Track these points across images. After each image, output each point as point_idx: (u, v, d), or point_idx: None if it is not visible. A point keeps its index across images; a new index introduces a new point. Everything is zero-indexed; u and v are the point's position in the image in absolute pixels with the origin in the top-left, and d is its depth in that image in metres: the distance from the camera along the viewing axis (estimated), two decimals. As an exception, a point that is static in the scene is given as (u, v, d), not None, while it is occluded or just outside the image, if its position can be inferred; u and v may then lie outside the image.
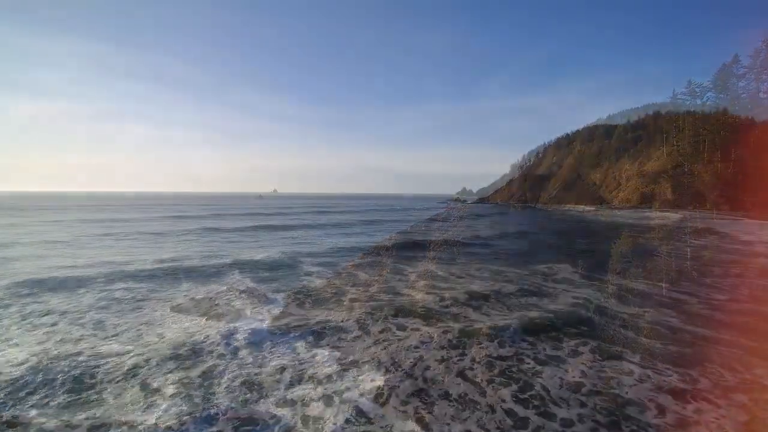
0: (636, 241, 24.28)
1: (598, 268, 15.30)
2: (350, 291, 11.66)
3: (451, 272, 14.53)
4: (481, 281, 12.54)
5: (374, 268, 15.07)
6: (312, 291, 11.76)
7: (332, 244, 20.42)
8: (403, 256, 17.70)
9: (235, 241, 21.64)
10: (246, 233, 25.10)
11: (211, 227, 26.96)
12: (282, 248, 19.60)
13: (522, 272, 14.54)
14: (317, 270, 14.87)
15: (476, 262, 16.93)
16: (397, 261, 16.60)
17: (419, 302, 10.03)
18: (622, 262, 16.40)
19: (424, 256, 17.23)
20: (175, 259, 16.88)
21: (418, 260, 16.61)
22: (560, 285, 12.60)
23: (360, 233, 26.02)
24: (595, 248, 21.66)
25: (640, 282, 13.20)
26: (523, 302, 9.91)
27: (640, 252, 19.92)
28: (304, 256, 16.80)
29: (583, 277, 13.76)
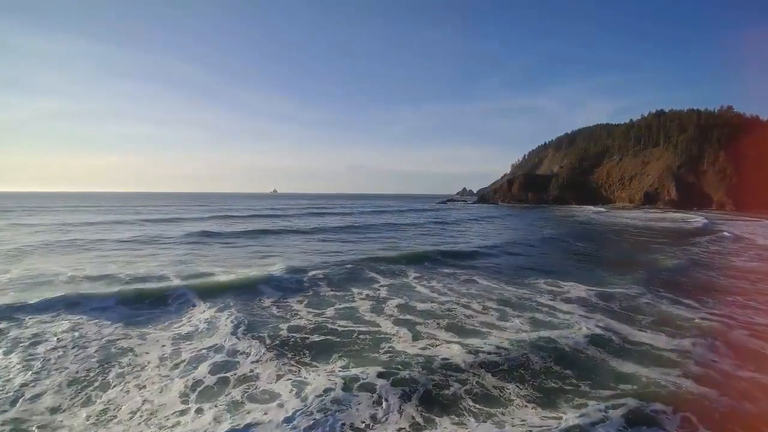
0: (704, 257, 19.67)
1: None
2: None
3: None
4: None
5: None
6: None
7: (310, 253, 18.00)
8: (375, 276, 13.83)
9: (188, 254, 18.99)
10: (209, 242, 22.05)
11: (173, 236, 24.03)
12: (241, 262, 16.31)
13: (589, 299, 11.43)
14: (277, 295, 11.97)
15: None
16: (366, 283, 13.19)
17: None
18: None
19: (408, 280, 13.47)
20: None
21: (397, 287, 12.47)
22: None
23: (345, 240, 23.66)
24: (680, 274, 15.64)
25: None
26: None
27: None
28: (262, 283, 12.17)
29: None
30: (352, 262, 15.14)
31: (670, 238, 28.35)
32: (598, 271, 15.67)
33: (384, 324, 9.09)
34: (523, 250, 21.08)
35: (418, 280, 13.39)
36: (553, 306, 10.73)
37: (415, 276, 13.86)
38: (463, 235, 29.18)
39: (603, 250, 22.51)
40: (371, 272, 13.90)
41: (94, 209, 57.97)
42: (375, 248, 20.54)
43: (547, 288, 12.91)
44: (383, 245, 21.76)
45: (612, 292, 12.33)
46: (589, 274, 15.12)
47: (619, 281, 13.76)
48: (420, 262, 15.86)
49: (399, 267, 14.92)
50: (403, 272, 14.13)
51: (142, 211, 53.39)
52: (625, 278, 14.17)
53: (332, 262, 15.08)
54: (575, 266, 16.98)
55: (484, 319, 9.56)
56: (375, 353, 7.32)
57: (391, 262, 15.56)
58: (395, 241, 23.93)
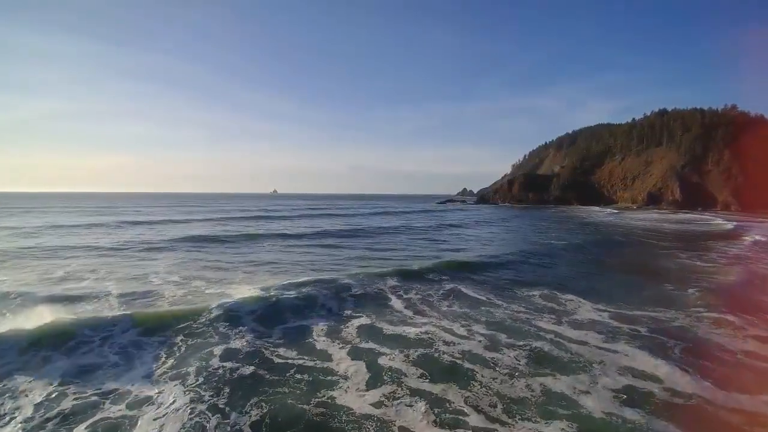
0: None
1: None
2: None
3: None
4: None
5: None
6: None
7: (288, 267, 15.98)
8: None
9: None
10: (186, 247, 19.99)
11: (147, 241, 21.79)
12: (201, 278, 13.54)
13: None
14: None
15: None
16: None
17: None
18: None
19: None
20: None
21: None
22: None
23: (335, 246, 21.85)
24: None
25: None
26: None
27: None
28: (215, 309, 10.47)
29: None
30: (327, 281, 13.14)
31: (707, 245, 25.07)
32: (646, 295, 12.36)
33: (337, 356, 7.36)
34: (531, 265, 17.68)
35: (396, 294, 11.60)
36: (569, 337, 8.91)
37: (392, 286, 12.08)
38: (461, 239, 27.35)
39: (639, 264, 19.35)
40: (346, 289, 12.07)
41: (79, 211, 56.27)
42: (360, 256, 18.79)
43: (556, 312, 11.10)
44: (371, 253, 19.98)
45: (660, 317, 10.26)
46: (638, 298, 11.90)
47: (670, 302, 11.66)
48: (407, 278, 13.52)
49: (379, 282, 12.92)
50: (381, 292, 12.08)
51: (127, 213, 51.70)
52: (680, 299, 11.92)
53: (307, 282, 12.24)
54: (621, 289, 13.25)
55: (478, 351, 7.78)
56: (304, 404, 5.58)
57: (374, 277, 13.51)
58: (387, 248, 22.05)
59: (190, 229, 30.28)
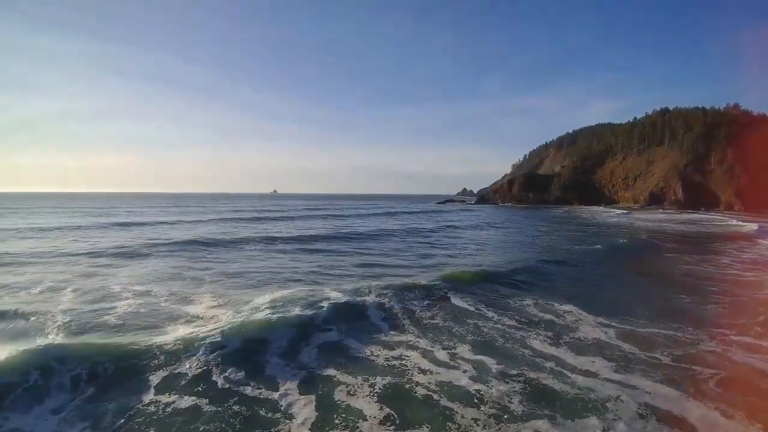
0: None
1: None
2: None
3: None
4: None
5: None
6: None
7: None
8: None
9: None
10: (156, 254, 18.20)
11: (124, 246, 20.20)
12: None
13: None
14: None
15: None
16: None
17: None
18: None
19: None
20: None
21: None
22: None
23: (321, 251, 20.50)
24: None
25: None
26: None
27: None
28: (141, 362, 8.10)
29: None
30: (298, 298, 11.81)
31: (722, 249, 23.24)
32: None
33: (285, 385, 6.09)
34: (529, 273, 15.15)
35: (375, 308, 10.26)
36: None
37: (373, 301, 10.71)
38: (456, 243, 25.96)
39: (647, 270, 17.52)
40: (317, 303, 10.77)
41: (69, 211, 55.03)
42: (346, 263, 17.47)
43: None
44: (359, 259, 18.63)
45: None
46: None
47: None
48: (390, 290, 11.56)
49: (357, 295, 11.50)
50: (358, 305, 10.53)
51: (118, 214, 50.47)
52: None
53: (277, 300, 10.45)
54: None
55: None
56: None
57: (353, 289, 12.04)
58: (377, 253, 20.59)
59: (175, 231, 28.97)
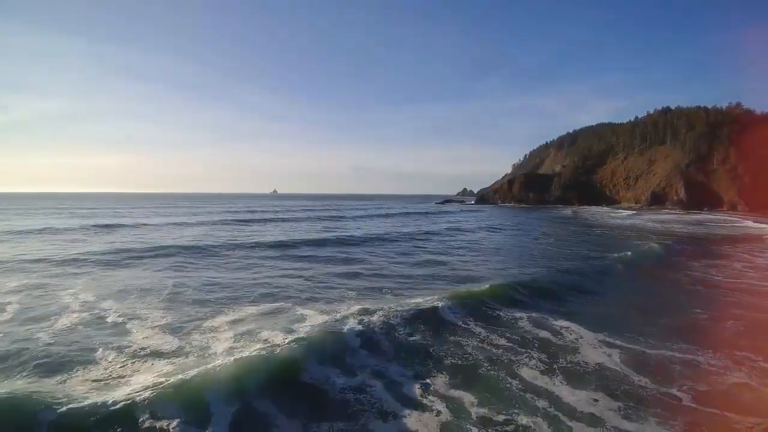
0: None
1: None
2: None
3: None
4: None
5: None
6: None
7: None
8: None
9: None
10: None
11: (95, 252, 18.61)
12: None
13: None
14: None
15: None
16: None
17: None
18: None
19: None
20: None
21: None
22: None
23: (303, 257, 18.49)
24: None
25: None
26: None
27: None
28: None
29: None
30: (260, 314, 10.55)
31: (737, 254, 21.57)
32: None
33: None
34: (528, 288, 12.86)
35: (352, 331, 8.95)
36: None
37: (348, 326, 9.40)
38: (453, 251, 24.49)
39: (655, 278, 16.00)
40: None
41: (57, 212, 53.78)
42: (323, 275, 16.18)
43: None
44: (337, 268, 17.29)
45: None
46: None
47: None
48: (364, 314, 9.47)
49: (327, 314, 10.24)
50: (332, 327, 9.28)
51: (107, 215, 49.23)
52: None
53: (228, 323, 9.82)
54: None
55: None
56: None
57: (322, 310, 10.81)
58: (361, 261, 19.07)
59: (155, 234, 27.75)
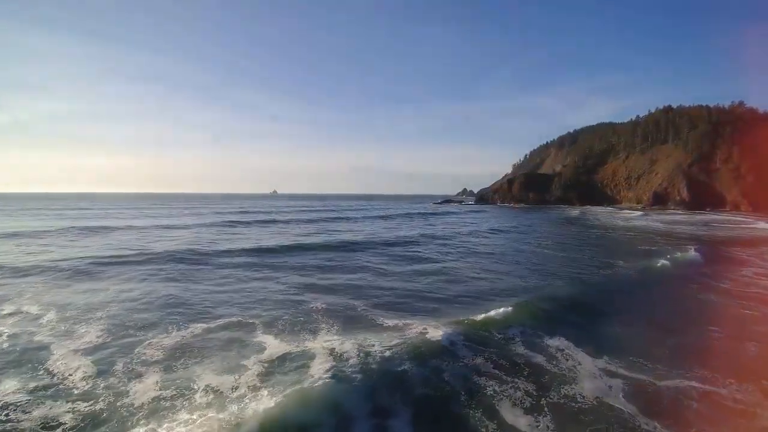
0: None
1: None
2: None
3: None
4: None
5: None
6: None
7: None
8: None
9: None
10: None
11: (59, 259, 17.28)
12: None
13: None
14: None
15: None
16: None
17: None
18: None
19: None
20: None
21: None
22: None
23: (271, 267, 16.57)
24: None
25: None
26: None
27: None
28: None
29: None
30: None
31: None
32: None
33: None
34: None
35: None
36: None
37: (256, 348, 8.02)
38: (447, 258, 22.92)
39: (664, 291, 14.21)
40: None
41: (46, 213, 52.57)
42: (300, 296, 14.80)
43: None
44: (320, 289, 15.86)
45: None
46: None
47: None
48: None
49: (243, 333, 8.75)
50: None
51: (96, 216, 48.06)
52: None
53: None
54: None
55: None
56: None
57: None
58: (345, 275, 17.16)
59: (130, 236, 26.54)
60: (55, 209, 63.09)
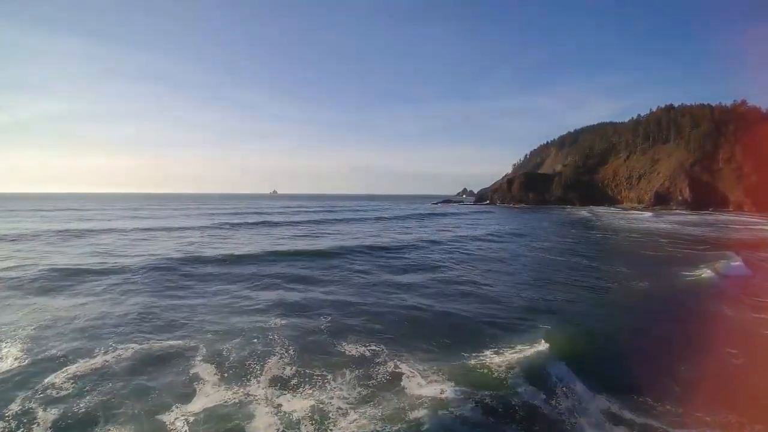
0: None
1: None
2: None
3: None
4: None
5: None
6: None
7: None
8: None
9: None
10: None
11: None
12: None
13: None
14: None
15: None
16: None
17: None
18: None
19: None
20: None
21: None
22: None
23: (242, 280, 14.94)
24: None
25: None
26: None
27: None
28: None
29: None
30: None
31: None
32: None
33: None
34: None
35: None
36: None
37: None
38: (437, 268, 21.24)
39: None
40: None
41: (32, 215, 51.19)
42: (250, 317, 13.35)
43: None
44: (276, 312, 14.29)
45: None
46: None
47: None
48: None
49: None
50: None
51: (82, 217, 46.73)
52: None
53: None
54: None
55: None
56: None
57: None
58: (314, 293, 14.48)
59: (113, 243, 25.49)
60: (42, 210, 61.76)
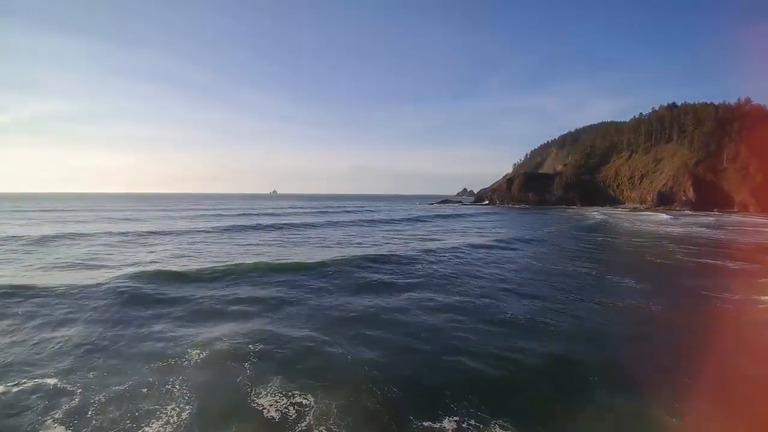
0: None
1: None
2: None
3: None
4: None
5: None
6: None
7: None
8: None
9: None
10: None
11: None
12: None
13: None
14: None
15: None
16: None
17: None
18: None
19: None
20: None
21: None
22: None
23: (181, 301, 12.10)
24: None
25: None
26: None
27: None
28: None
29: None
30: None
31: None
32: None
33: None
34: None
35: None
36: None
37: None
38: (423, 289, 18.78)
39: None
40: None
41: (14, 216, 49.46)
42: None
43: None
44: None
45: None
46: None
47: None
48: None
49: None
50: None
51: (65, 219, 44.99)
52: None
53: None
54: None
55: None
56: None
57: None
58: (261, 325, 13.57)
59: (71, 250, 23.93)
60: (29, 212, 60.05)
